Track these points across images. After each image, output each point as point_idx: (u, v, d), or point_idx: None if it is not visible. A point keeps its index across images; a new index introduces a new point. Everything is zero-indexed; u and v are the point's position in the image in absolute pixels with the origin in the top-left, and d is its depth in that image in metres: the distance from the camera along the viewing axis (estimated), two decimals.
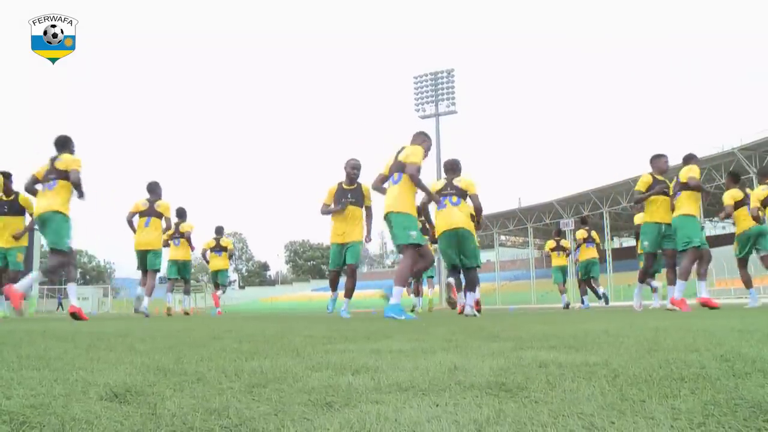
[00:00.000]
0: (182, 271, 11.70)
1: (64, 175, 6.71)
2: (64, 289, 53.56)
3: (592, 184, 45.38)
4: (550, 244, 13.90)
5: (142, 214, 9.07)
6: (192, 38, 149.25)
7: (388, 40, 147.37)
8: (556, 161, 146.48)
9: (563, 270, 13.84)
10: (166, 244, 11.27)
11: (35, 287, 10.40)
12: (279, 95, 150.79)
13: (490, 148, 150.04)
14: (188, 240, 11.55)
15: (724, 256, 31.01)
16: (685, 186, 7.44)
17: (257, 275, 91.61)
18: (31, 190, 7.03)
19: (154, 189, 9.28)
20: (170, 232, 11.04)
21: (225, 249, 12.90)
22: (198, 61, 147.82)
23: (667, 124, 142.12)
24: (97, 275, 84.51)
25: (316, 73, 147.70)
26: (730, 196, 8.65)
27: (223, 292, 13.06)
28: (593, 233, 13.31)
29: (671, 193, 7.67)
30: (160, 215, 9.13)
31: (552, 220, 45.03)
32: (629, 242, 58.42)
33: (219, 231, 13.17)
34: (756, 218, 8.18)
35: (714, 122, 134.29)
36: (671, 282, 7.69)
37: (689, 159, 7.90)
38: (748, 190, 8.66)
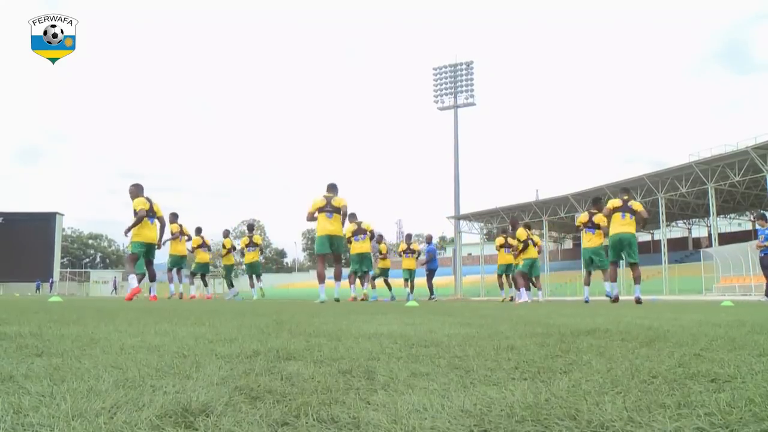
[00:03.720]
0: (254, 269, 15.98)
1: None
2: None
3: (609, 178, 45.22)
4: (500, 240, 14.80)
5: (321, 209, 10.80)
6: (201, 28, 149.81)
7: (408, 31, 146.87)
8: (575, 154, 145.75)
9: (508, 266, 14.58)
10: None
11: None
12: (298, 83, 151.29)
13: (508, 140, 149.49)
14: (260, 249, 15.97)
15: (729, 254, 30.65)
16: None
17: (274, 262, 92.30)
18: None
19: (331, 188, 11.10)
20: (245, 241, 15.70)
21: (257, 245, 16.06)
22: (205, 51, 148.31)
23: (683, 121, 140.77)
24: (116, 259, 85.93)
25: (335, 62, 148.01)
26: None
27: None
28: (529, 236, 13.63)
29: None
30: (337, 209, 10.86)
31: (567, 214, 45.07)
32: (643, 237, 58.25)
33: (251, 228, 17.40)
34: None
35: (729, 120, 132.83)
36: None
37: None
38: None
